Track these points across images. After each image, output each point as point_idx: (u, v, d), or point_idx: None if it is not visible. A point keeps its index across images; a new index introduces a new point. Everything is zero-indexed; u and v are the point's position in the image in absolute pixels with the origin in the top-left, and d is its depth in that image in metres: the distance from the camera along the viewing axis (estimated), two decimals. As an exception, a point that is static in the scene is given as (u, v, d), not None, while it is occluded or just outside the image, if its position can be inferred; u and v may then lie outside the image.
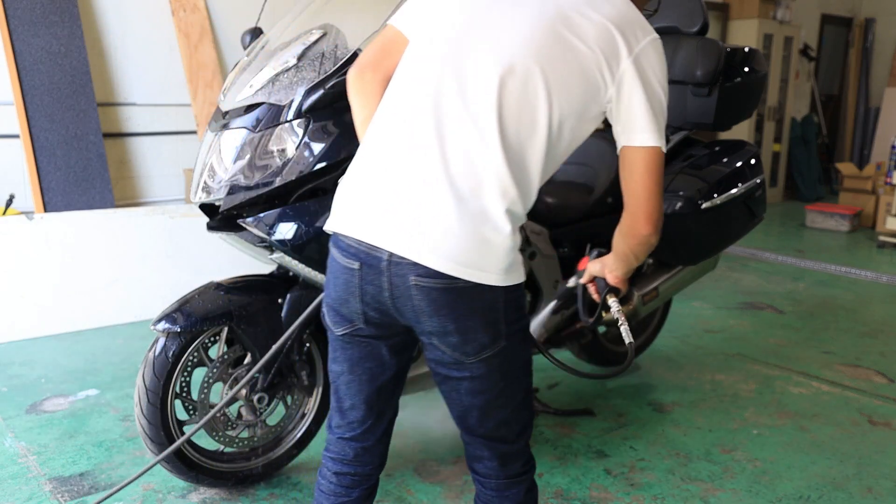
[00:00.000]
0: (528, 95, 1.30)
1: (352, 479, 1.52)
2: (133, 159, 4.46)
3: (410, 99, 1.34)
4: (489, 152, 1.28)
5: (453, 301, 1.29)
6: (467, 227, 1.27)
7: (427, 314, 1.31)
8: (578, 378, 3.25)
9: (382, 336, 1.41)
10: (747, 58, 2.90)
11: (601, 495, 2.33)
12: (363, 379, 1.45)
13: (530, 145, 1.32)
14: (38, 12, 3.95)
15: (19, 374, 3.23)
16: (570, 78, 1.31)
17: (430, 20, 1.40)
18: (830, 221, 6.88)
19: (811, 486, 2.41)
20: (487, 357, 1.35)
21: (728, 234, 2.88)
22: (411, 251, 1.27)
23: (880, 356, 3.61)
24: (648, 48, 1.36)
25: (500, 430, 1.45)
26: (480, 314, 1.31)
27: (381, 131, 1.36)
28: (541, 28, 1.31)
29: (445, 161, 1.29)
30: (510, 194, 1.30)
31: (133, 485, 2.34)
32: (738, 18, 7.81)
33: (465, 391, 1.40)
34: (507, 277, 1.31)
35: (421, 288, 1.28)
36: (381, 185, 1.32)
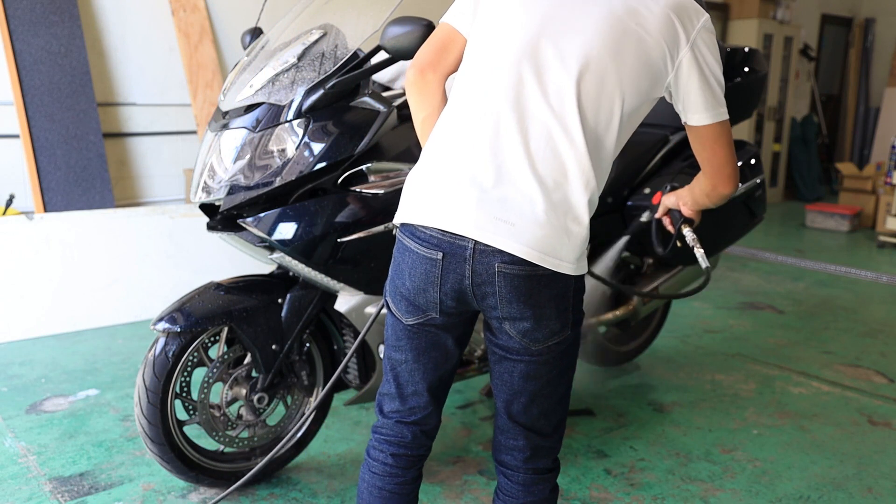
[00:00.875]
0: (605, 89, 1.35)
1: (408, 460, 1.55)
2: (133, 159, 4.46)
3: (489, 94, 1.37)
4: (573, 145, 1.34)
5: (533, 288, 1.34)
6: (552, 218, 1.32)
7: (507, 300, 1.36)
8: (578, 378, 3.25)
9: (450, 326, 1.46)
10: (747, 58, 2.90)
11: (601, 495, 2.33)
12: (428, 367, 1.49)
13: (606, 136, 1.38)
14: (38, 12, 3.95)
15: (19, 374, 3.23)
16: (639, 70, 1.37)
17: (490, 19, 1.42)
18: (830, 221, 6.88)
19: (811, 486, 2.41)
20: (552, 345, 1.41)
21: (728, 234, 2.88)
22: (497, 240, 1.32)
23: (880, 356, 3.61)
24: (703, 30, 1.40)
25: (540, 421, 1.49)
26: (555, 302, 1.37)
27: (459, 126, 1.39)
28: (611, 23, 1.35)
29: (530, 153, 1.33)
30: (591, 184, 1.36)
31: (133, 484, 2.34)
32: (738, 18, 7.81)
33: (520, 374, 1.44)
34: (578, 266, 1.38)
35: (505, 275, 1.33)
36: (464, 177, 1.35)
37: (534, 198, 1.32)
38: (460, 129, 1.39)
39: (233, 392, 2.25)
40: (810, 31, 8.84)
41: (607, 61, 1.35)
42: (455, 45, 1.48)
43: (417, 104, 1.55)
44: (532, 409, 1.48)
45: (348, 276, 2.09)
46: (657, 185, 2.74)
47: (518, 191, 1.32)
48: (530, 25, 1.38)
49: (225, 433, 2.25)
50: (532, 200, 1.32)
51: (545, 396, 1.47)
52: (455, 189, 1.35)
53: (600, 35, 1.35)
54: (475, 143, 1.36)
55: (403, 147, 2.19)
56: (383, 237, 2.08)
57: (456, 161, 1.37)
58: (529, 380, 1.44)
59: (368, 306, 2.17)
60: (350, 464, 2.48)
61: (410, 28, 1.90)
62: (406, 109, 2.24)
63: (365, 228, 2.05)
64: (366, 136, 2.04)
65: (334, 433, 2.68)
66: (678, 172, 2.77)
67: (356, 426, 2.74)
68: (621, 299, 2.91)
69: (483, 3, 1.45)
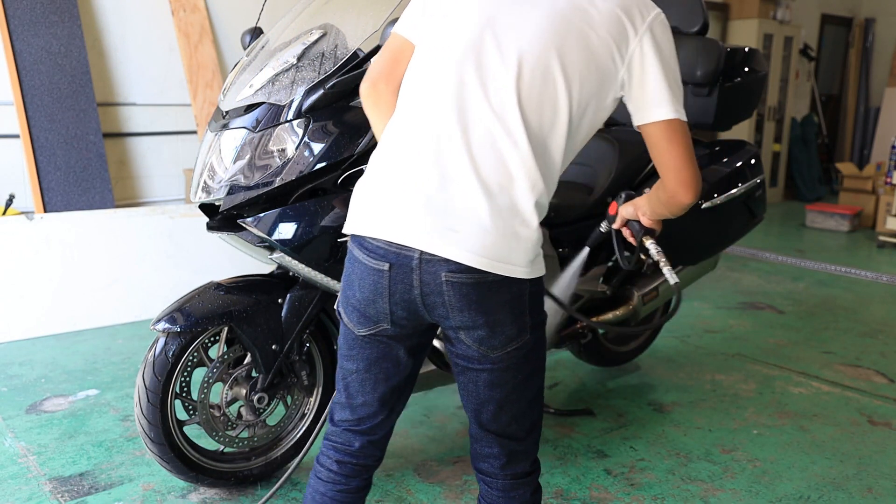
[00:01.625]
0: (547, 87, 1.32)
1: (353, 468, 1.54)
2: (133, 159, 4.46)
3: (431, 100, 1.35)
4: (516, 146, 1.31)
5: (484, 295, 1.32)
6: (498, 223, 1.30)
7: (457, 309, 1.34)
8: (578, 378, 3.25)
9: (403, 337, 1.44)
10: (747, 58, 2.90)
11: (601, 495, 2.33)
12: (379, 378, 1.47)
13: (553, 136, 1.34)
14: (38, 12, 3.95)
15: (19, 374, 3.23)
16: (586, 68, 1.33)
17: (436, 24, 1.41)
18: (830, 221, 6.88)
19: (811, 486, 2.41)
20: (512, 350, 1.38)
21: (728, 234, 2.88)
22: (443, 248, 1.30)
23: (880, 356, 3.61)
24: (654, 24, 1.36)
25: (511, 427, 1.47)
26: (509, 307, 1.34)
27: (403, 134, 1.37)
28: (554, 22, 1.32)
29: (473, 158, 1.31)
30: (538, 187, 1.33)
31: (133, 484, 2.34)
32: (738, 18, 7.81)
33: (484, 383, 1.42)
34: (532, 270, 1.35)
35: (452, 283, 1.31)
36: (408, 186, 1.33)
37: (478, 203, 1.29)
38: (404, 137, 1.37)
39: (233, 392, 2.25)
40: (810, 31, 8.83)
41: (550, 60, 1.31)
42: (405, 55, 1.46)
43: (373, 117, 1.53)
44: (502, 416, 1.45)
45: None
46: None
47: (462, 197, 1.30)
48: (473, 27, 1.35)
49: (225, 433, 2.25)
50: (476, 206, 1.29)
51: (513, 402, 1.45)
52: (399, 198, 1.34)
53: (543, 34, 1.32)
54: (418, 150, 1.34)
55: (403, 147, 2.18)
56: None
57: (400, 169, 1.35)
58: (494, 388, 1.42)
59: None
60: (350, 464, 2.48)
61: (410, 28, 1.90)
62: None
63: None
64: (366, 135, 2.04)
65: (334, 433, 2.68)
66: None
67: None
68: (621, 299, 2.91)
69: (429, 8, 1.43)
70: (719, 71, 2.78)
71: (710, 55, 2.79)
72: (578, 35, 1.32)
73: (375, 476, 2.39)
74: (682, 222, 2.68)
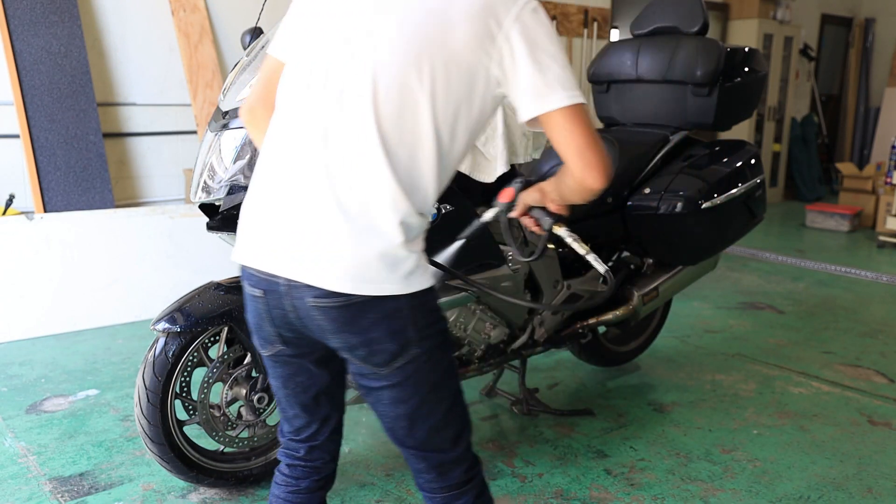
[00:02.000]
0: (405, 100, 1.25)
1: (303, 470, 1.56)
2: (133, 159, 4.46)
3: (290, 122, 1.32)
4: (374, 165, 1.25)
5: (353, 317, 1.28)
6: (359, 245, 1.25)
7: (331, 332, 1.30)
8: (578, 378, 3.25)
9: (305, 353, 1.42)
10: (747, 58, 2.90)
11: (601, 495, 2.33)
12: (297, 392, 1.47)
13: (418, 149, 1.27)
14: (38, 12, 3.95)
15: (19, 374, 3.23)
16: (448, 73, 1.26)
17: (299, 42, 1.37)
18: (830, 221, 6.88)
19: (811, 486, 2.40)
20: (402, 365, 1.33)
21: (728, 234, 2.88)
22: (304, 275, 1.26)
23: (880, 356, 3.61)
24: (522, 14, 1.28)
25: (432, 440, 1.42)
26: (385, 325, 1.29)
27: (268, 157, 1.35)
28: (409, 31, 1.26)
29: (331, 179, 1.26)
30: (402, 205, 1.26)
31: (133, 484, 2.34)
32: (738, 18, 7.81)
33: (388, 401, 1.38)
34: (408, 285, 1.28)
35: (320, 308, 1.28)
36: (271, 213, 1.31)
37: (337, 226, 1.25)
38: (269, 160, 1.34)
39: (233, 392, 2.25)
40: (810, 31, 8.83)
41: (407, 70, 1.25)
42: (278, 75, 1.40)
43: (256, 142, 1.50)
44: (417, 431, 1.40)
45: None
46: (657, 186, 2.73)
47: (321, 220, 1.26)
48: (329, 43, 1.31)
49: (225, 433, 2.25)
50: (336, 229, 1.25)
51: (425, 416, 1.39)
52: (263, 225, 1.32)
53: (398, 45, 1.26)
54: (279, 175, 1.31)
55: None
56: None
57: (264, 195, 1.33)
58: (399, 404, 1.37)
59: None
60: (350, 464, 2.48)
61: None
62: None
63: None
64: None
65: (334, 433, 2.68)
66: (678, 172, 2.77)
67: (356, 426, 2.74)
68: (621, 299, 2.91)
69: (295, 26, 1.39)
70: (719, 71, 2.78)
71: (710, 55, 2.79)
72: (437, 40, 1.26)
73: (375, 476, 2.40)
74: (683, 222, 2.70)
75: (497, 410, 2.91)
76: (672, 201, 2.68)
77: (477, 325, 2.46)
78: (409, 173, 1.28)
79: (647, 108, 2.99)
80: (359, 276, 1.25)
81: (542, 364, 3.39)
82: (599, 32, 6.26)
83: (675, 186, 2.70)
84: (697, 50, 2.83)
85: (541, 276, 2.61)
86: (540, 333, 2.66)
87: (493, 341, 2.51)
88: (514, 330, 2.59)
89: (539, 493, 2.33)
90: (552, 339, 2.72)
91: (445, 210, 2.19)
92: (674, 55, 2.87)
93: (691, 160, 2.84)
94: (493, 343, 2.52)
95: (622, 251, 3.01)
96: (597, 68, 3.11)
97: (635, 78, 2.98)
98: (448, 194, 2.19)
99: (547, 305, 2.51)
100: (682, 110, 2.90)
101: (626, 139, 2.87)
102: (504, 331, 2.54)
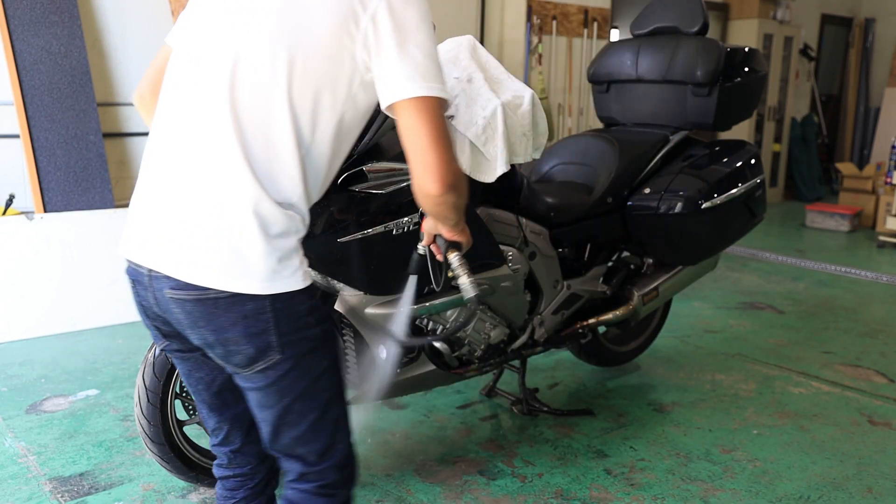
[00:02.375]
0: (260, 86, 1.22)
1: (234, 482, 1.54)
2: (133, 159, 4.46)
3: (161, 111, 1.31)
4: (230, 154, 1.22)
5: (209, 312, 1.24)
6: (216, 236, 1.21)
7: (187, 326, 1.27)
8: (578, 378, 3.25)
9: (193, 347, 1.37)
10: (747, 58, 2.90)
11: (601, 495, 2.33)
12: (200, 388, 1.45)
13: (276, 139, 1.23)
14: (38, 12, 3.95)
15: (19, 374, 3.23)
16: (307, 58, 1.22)
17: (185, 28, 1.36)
18: (830, 221, 6.88)
19: (811, 486, 2.41)
20: (263, 370, 1.28)
21: (728, 234, 2.88)
22: (163, 265, 1.24)
23: (880, 356, 3.61)
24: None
25: (297, 449, 1.37)
26: (242, 325, 1.24)
27: (147, 148, 1.34)
28: (271, 12, 1.24)
29: (193, 169, 1.24)
30: (258, 197, 1.21)
31: (133, 484, 2.34)
32: (738, 18, 7.81)
33: (254, 402, 1.34)
34: (271, 285, 1.23)
35: (177, 300, 1.25)
36: (139, 201, 1.30)
37: (195, 215, 1.22)
38: (147, 150, 1.33)
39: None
40: (810, 31, 8.83)
41: (263, 54, 1.22)
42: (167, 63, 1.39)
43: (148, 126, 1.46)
44: (281, 438, 1.36)
45: (348, 276, 2.09)
46: (657, 186, 2.74)
47: (182, 209, 1.23)
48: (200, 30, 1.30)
49: (225, 433, 2.25)
50: (194, 218, 1.22)
51: (291, 425, 1.34)
52: (134, 215, 1.31)
53: (257, 27, 1.24)
54: (149, 164, 1.30)
55: (403, 147, 2.18)
56: (383, 237, 2.08)
57: (140, 185, 1.31)
58: (263, 408, 1.33)
59: (369, 307, 2.17)
60: (350, 464, 2.48)
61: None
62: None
63: (364, 228, 2.05)
64: (366, 136, 2.04)
65: (334, 433, 2.68)
66: (678, 172, 2.77)
67: (356, 426, 2.74)
68: (621, 299, 2.91)
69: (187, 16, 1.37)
70: (719, 71, 2.79)
71: (710, 55, 2.80)
72: (298, 23, 1.22)
73: (375, 476, 2.40)
74: (683, 222, 2.70)
75: (497, 410, 2.91)
76: (672, 201, 2.68)
77: (477, 325, 2.46)
78: (269, 163, 1.23)
79: (647, 108, 2.99)
80: (214, 268, 1.21)
81: (542, 364, 3.39)
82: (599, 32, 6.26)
83: (675, 186, 2.71)
84: (697, 50, 2.83)
85: (541, 276, 2.61)
86: (540, 333, 2.66)
87: (493, 341, 2.51)
88: (514, 330, 2.59)
89: (539, 493, 2.33)
90: (552, 339, 2.72)
91: None
92: (674, 55, 2.87)
93: (691, 160, 2.84)
94: (493, 343, 2.52)
95: (622, 251, 3.01)
96: (597, 68, 3.11)
97: (635, 78, 2.98)
98: None
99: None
100: (682, 110, 2.90)
101: (626, 139, 2.87)
102: (504, 331, 2.54)
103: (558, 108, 6.09)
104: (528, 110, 2.31)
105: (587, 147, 2.90)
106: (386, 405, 2.91)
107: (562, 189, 2.76)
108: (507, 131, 2.25)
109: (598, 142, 2.88)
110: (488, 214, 2.43)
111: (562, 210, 2.64)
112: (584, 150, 2.90)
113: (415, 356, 2.34)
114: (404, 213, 2.12)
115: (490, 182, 2.29)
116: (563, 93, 6.14)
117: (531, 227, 2.55)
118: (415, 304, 1.72)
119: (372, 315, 2.17)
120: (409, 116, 1.24)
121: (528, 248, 2.54)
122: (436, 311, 2.32)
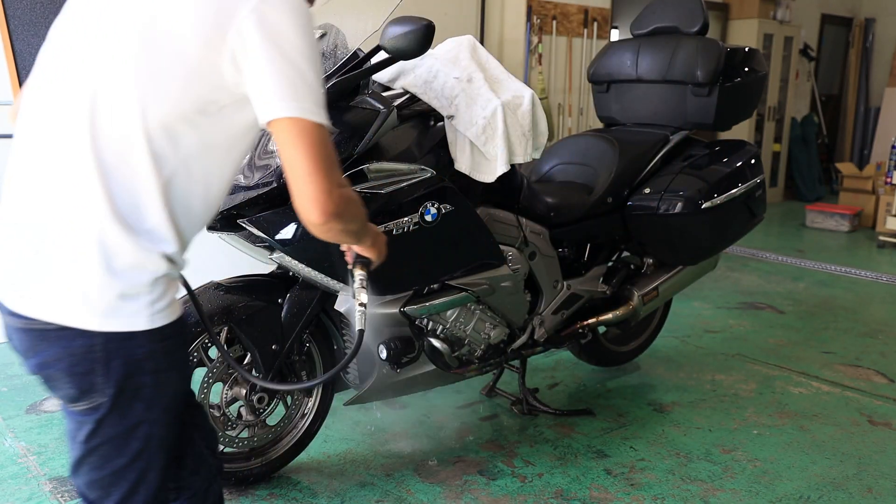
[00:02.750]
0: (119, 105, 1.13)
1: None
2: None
3: (20, 122, 1.22)
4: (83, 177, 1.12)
5: (35, 343, 1.16)
6: (44, 262, 1.13)
7: (21, 354, 1.21)
8: (578, 378, 3.25)
9: None
10: (747, 58, 2.90)
11: (601, 495, 2.33)
12: None
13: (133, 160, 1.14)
14: (38, 12, 3.95)
15: (19, 373, 3.23)
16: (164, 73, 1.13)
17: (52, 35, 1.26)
18: (830, 221, 6.88)
19: (811, 486, 2.40)
20: (85, 409, 1.19)
21: (728, 234, 2.88)
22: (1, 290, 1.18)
23: (880, 356, 3.61)
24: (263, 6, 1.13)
25: (92, 491, 1.28)
26: (65, 363, 1.14)
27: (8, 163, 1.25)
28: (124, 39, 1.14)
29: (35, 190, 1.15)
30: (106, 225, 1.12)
31: (133, 485, 2.34)
32: (738, 18, 7.81)
33: (69, 432, 1.26)
34: (104, 322, 1.13)
35: (9, 328, 1.20)
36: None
37: (34, 241, 1.13)
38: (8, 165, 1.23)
39: (233, 392, 2.25)
40: (810, 31, 8.83)
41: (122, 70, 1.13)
42: None
43: None
44: (80, 474, 1.26)
45: (348, 276, 2.09)
46: (657, 186, 2.74)
47: (22, 233, 1.15)
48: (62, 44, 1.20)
49: (225, 433, 2.25)
50: (32, 244, 1.13)
51: (93, 467, 1.24)
52: None
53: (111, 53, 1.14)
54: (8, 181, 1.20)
55: (403, 147, 2.19)
56: (383, 237, 2.08)
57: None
58: (74, 441, 1.24)
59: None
60: (350, 464, 2.48)
61: (410, 28, 1.90)
62: (406, 109, 2.24)
63: (365, 228, 2.04)
64: (366, 135, 2.04)
65: (334, 433, 2.68)
66: (678, 172, 2.77)
67: (356, 426, 2.74)
68: (621, 299, 2.91)
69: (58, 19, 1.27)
70: (719, 71, 2.79)
71: (710, 55, 2.80)
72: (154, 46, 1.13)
73: (375, 476, 2.40)
74: (683, 222, 2.70)
75: (497, 410, 2.91)
76: (672, 201, 2.68)
77: (477, 325, 2.46)
78: (129, 190, 1.14)
79: (647, 108, 2.99)
80: (42, 297, 1.13)
81: (542, 364, 3.39)
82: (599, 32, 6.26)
83: (675, 186, 2.71)
84: (697, 50, 2.83)
85: (541, 276, 2.61)
86: (540, 333, 2.66)
87: (493, 341, 2.51)
88: (514, 330, 2.59)
89: (539, 493, 2.33)
90: (552, 339, 2.72)
91: (445, 210, 2.19)
92: (674, 55, 2.88)
93: (691, 160, 2.84)
94: (493, 343, 2.52)
95: (622, 251, 3.01)
96: (597, 68, 3.11)
97: (635, 78, 2.98)
98: (448, 194, 2.19)
99: None
100: (682, 110, 2.90)
101: (626, 139, 2.87)
102: (504, 331, 2.54)
103: (558, 108, 6.09)
104: (527, 110, 2.31)
105: (587, 147, 2.90)
106: (386, 405, 2.91)
107: (562, 189, 2.76)
108: (507, 131, 2.25)
109: (598, 142, 2.88)
110: (488, 214, 2.43)
111: (562, 210, 2.64)
112: (584, 150, 2.90)
113: (415, 356, 2.34)
114: (404, 213, 2.12)
115: (490, 182, 2.29)
116: (563, 93, 6.14)
117: (531, 227, 2.55)
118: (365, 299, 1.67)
119: (372, 315, 2.17)
120: (284, 139, 1.16)
121: (528, 248, 2.55)
122: (435, 311, 2.32)
